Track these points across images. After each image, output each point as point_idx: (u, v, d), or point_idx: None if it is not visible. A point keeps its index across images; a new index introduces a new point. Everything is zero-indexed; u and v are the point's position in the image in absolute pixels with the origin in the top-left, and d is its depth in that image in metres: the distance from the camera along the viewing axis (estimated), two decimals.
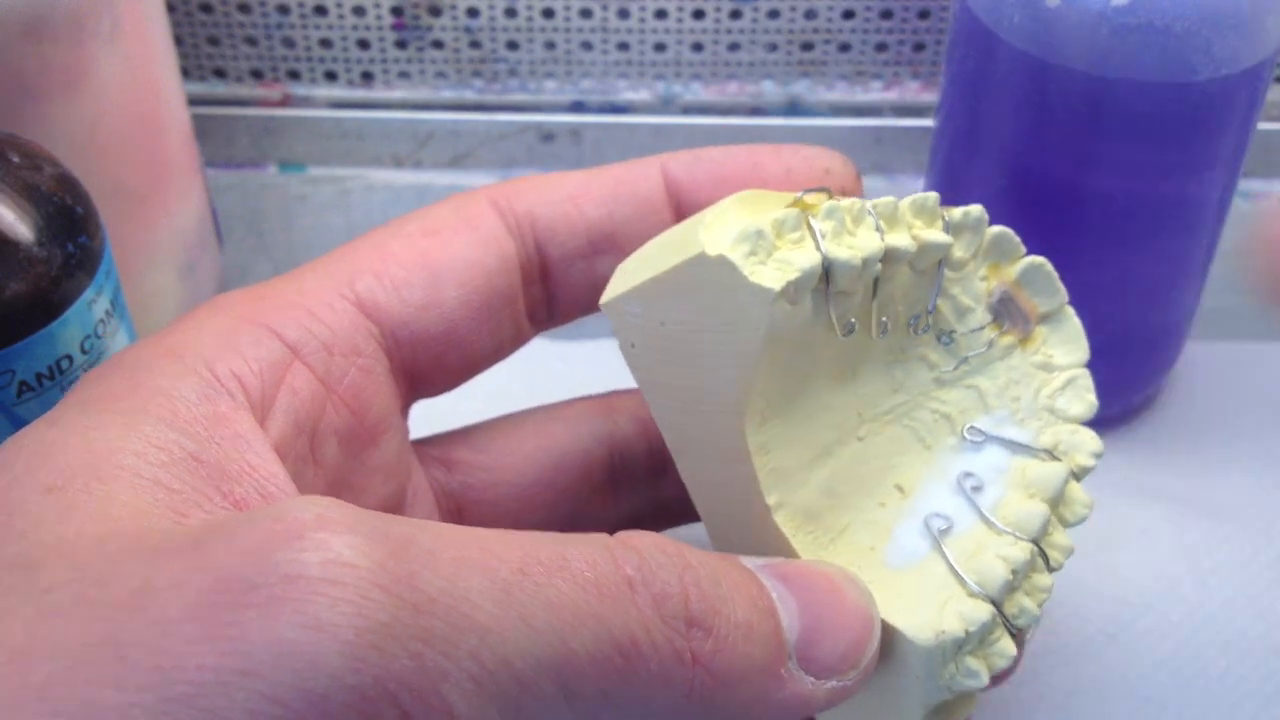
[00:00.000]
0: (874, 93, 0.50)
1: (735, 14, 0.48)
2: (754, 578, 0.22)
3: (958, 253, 0.26)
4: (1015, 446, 0.27)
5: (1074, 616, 0.34)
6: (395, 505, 0.27)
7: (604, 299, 0.25)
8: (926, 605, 0.24)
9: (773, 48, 0.48)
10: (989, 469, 0.27)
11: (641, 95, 0.50)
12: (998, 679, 0.25)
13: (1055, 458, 0.26)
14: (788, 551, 0.25)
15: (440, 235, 0.27)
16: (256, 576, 0.17)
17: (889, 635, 0.24)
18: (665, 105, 0.50)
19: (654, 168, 0.28)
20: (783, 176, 0.28)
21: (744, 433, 0.24)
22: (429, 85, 0.50)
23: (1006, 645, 0.25)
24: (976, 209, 0.26)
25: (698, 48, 0.48)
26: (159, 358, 0.22)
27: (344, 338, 0.25)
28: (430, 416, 0.29)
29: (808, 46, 0.48)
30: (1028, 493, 0.26)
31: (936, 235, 0.25)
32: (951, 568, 0.25)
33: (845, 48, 0.48)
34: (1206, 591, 0.35)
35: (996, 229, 0.27)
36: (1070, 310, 0.28)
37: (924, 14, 0.47)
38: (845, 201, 0.24)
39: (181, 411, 0.21)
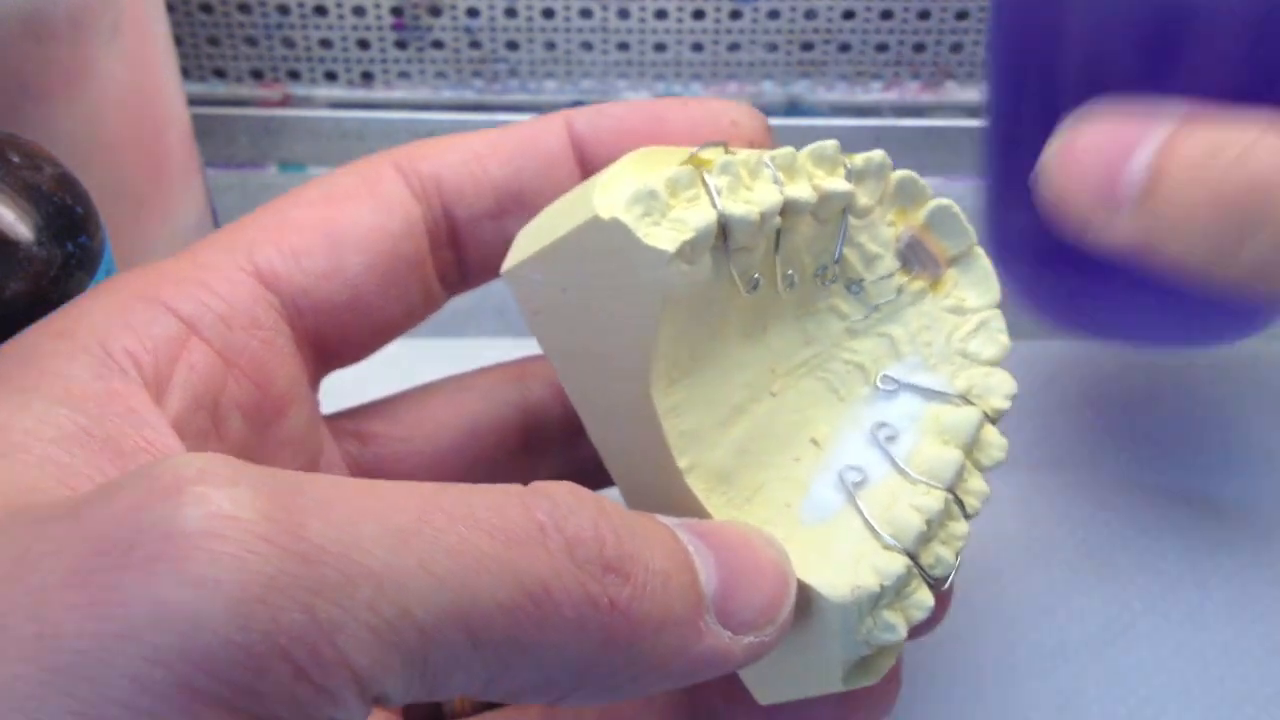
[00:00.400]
0: (874, 93, 0.50)
1: (735, 14, 0.48)
2: (670, 532, 0.21)
3: (862, 200, 0.26)
4: (928, 393, 0.26)
5: (1074, 616, 0.34)
6: None
7: (504, 267, 0.25)
8: (842, 561, 0.24)
9: (773, 48, 0.48)
10: (903, 417, 0.26)
11: (641, 95, 0.50)
12: (918, 630, 0.25)
13: (969, 402, 0.26)
14: (701, 513, 0.24)
15: (341, 201, 0.26)
16: (134, 536, 0.16)
17: (805, 593, 0.23)
18: None
19: (558, 123, 0.28)
20: (687, 130, 0.28)
21: (650, 396, 0.24)
22: (429, 85, 0.50)
23: (924, 596, 0.24)
24: (879, 154, 0.26)
25: (698, 48, 0.48)
26: (51, 339, 0.22)
27: (242, 310, 0.24)
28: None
29: (808, 46, 0.48)
30: (941, 439, 0.25)
31: (838, 184, 0.25)
32: (866, 521, 0.24)
33: (845, 48, 0.48)
34: (1206, 592, 0.35)
35: (901, 173, 0.26)
36: (980, 251, 0.27)
37: (924, 14, 0.47)
38: (741, 155, 0.24)
39: (74, 389, 0.21)
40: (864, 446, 0.26)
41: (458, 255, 0.28)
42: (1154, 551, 0.36)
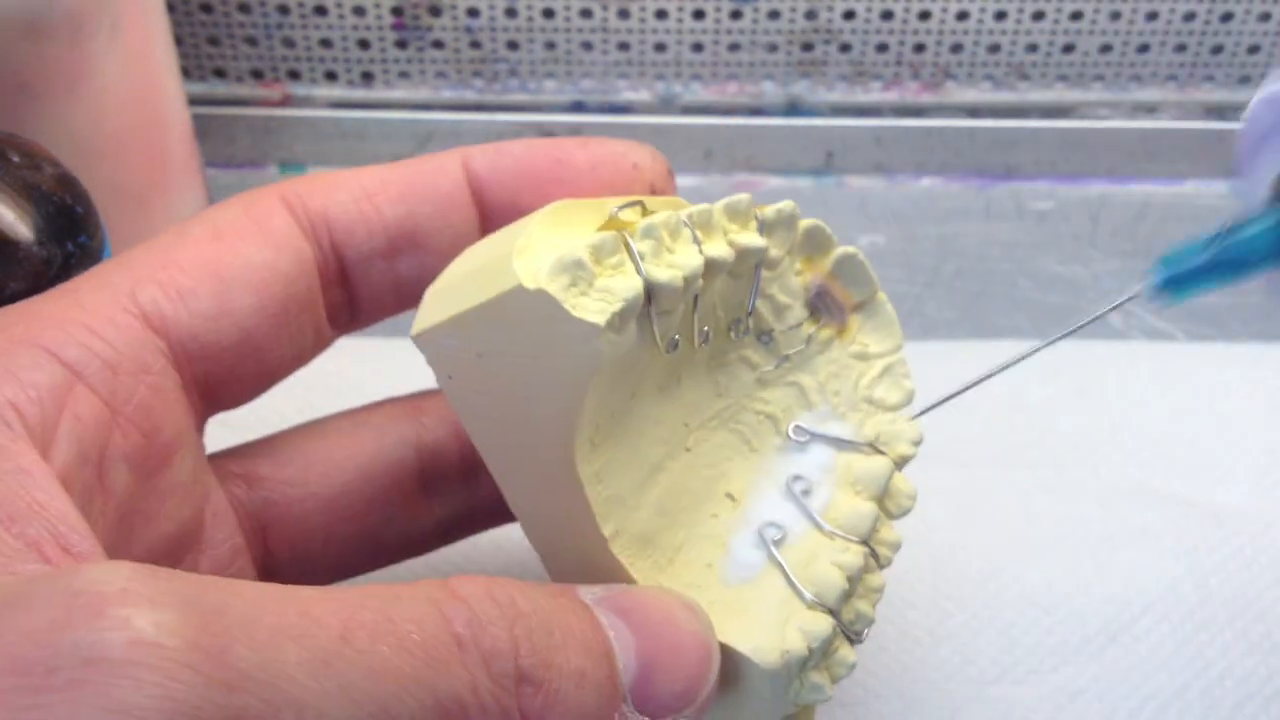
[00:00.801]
0: (874, 93, 0.50)
1: (735, 14, 0.48)
2: (590, 617, 0.21)
3: (773, 251, 0.26)
4: (839, 442, 0.26)
5: (1074, 616, 0.34)
6: (193, 530, 0.25)
7: (415, 330, 0.24)
8: (768, 623, 0.24)
9: (773, 48, 0.48)
10: (816, 468, 0.26)
11: (641, 95, 0.50)
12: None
13: (878, 450, 0.26)
14: (626, 580, 0.24)
15: (229, 239, 0.25)
16: (55, 659, 0.16)
17: (733, 658, 0.23)
18: (665, 105, 0.50)
19: (454, 162, 0.27)
20: (588, 172, 0.27)
21: (575, 465, 0.23)
22: (429, 85, 0.50)
23: (847, 654, 0.25)
24: (789, 205, 0.26)
25: (698, 48, 0.48)
26: None
27: (129, 355, 0.23)
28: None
29: (808, 46, 0.48)
30: (854, 490, 0.26)
31: (751, 239, 0.25)
32: (789, 580, 0.25)
33: (845, 48, 0.48)
34: (1207, 591, 0.35)
35: (808, 222, 0.26)
36: (883, 297, 0.27)
37: (924, 15, 0.47)
38: (660, 216, 0.23)
39: None
40: (780, 500, 0.26)
41: (348, 295, 0.27)
42: (1154, 551, 0.36)
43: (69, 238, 0.27)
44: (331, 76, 0.50)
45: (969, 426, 0.38)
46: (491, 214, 0.27)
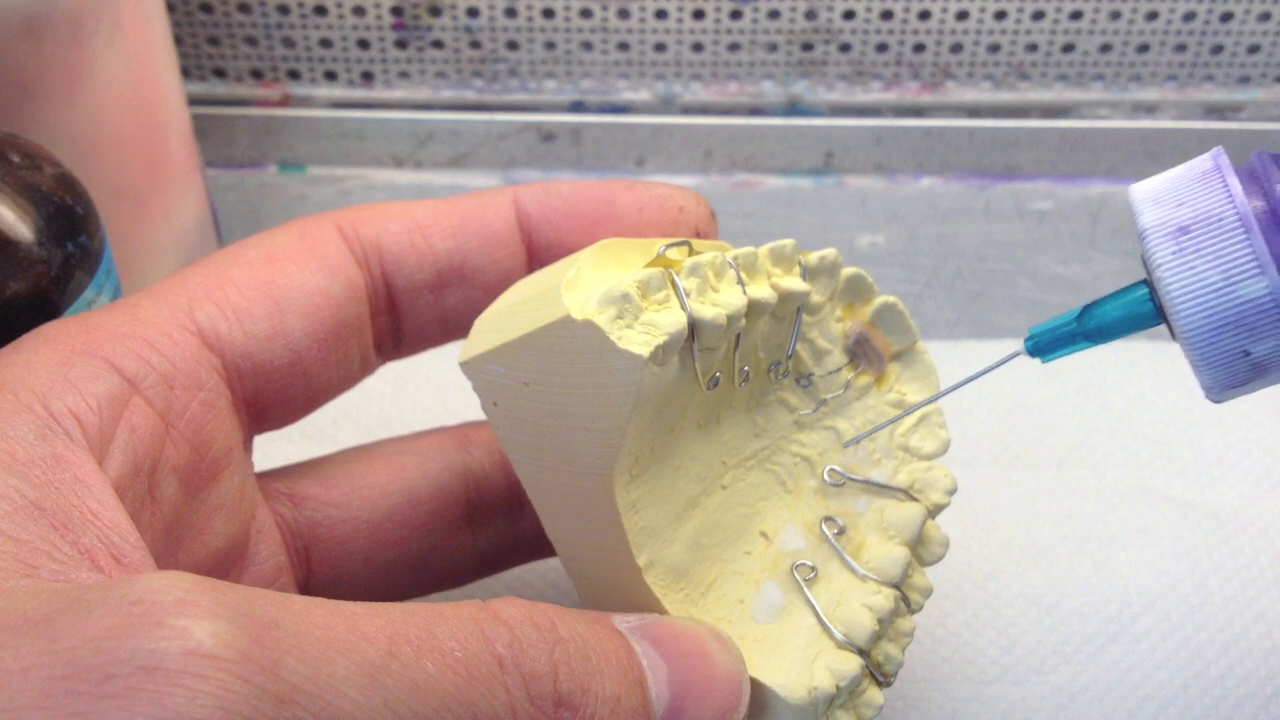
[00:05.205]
0: (874, 93, 0.50)
1: (735, 14, 0.48)
2: (626, 645, 0.22)
3: (815, 297, 0.26)
4: (873, 487, 0.27)
5: (1074, 616, 0.34)
6: (238, 545, 0.26)
7: (463, 357, 0.25)
8: (796, 660, 0.24)
9: (773, 48, 0.48)
10: (849, 512, 0.27)
11: (641, 95, 0.50)
12: None
13: (912, 497, 0.27)
14: (659, 610, 0.24)
15: (283, 262, 0.26)
16: (112, 665, 0.16)
17: (761, 693, 0.24)
18: (665, 105, 0.50)
19: (505, 200, 0.28)
20: (635, 213, 0.28)
21: (613, 494, 0.24)
22: (429, 85, 0.50)
23: (874, 695, 0.25)
24: (832, 252, 0.26)
25: (698, 48, 0.48)
26: None
27: (185, 371, 0.24)
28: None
29: (808, 46, 0.48)
30: (887, 535, 0.26)
31: (795, 283, 0.25)
32: (819, 619, 0.25)
33: (845, 48, 0.48)
34: (1207, 592, 0.35)
35: (851, 270, 0.27)
36: (922, 346, 0.28)
37: (924, 14, 0.47)
38: (706, 256, 0.24)
39: (19, 454, 0.20)
40: (813, 540, 0.26)
41: (395, 323, 0.28)
42: (1154, 551, 0.36)
43: (69, 238, 0.27)
44: (331, 76, 0.50)
45: (969, 426, 0.38)
46: (539, 252, 0.28)
